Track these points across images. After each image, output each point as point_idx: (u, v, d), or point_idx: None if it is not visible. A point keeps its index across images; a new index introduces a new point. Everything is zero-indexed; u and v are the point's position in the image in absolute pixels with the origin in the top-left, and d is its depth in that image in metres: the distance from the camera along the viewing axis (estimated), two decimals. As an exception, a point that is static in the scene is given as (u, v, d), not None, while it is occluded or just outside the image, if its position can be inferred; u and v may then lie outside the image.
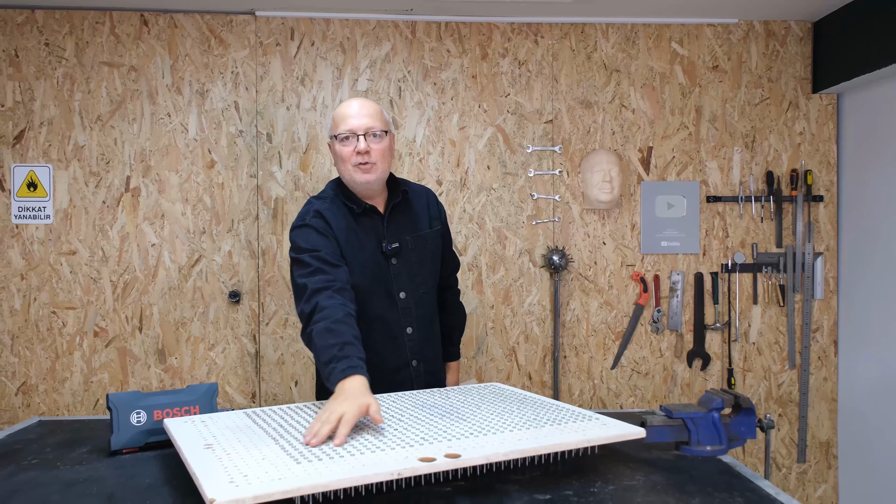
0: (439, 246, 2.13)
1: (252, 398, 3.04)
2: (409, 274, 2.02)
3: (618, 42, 3.13)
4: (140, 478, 1.47)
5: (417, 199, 2.10)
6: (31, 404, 2.97)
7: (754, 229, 3.16)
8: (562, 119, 3.12)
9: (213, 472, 1.24)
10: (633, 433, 1.49)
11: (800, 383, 3.16)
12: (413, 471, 1.26)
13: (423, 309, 2.05)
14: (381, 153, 1.92)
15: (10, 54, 2.95)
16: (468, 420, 1.57)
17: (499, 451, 1.34)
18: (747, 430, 1.62)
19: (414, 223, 2.06)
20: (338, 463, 1.28)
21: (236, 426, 1.56)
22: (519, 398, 1.81)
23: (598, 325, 3.14)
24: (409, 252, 2.02)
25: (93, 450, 1.67)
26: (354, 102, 1.94)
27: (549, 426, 1.52)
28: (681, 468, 1.52)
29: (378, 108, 1.96)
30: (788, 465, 3.18)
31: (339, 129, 1.91)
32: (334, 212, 1.97)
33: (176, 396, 1.70)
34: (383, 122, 1.94)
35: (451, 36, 3.08)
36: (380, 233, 1.99)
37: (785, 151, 3.16)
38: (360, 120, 1.90)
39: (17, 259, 2.96)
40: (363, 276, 1.95)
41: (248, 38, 3.02)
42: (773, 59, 3.16)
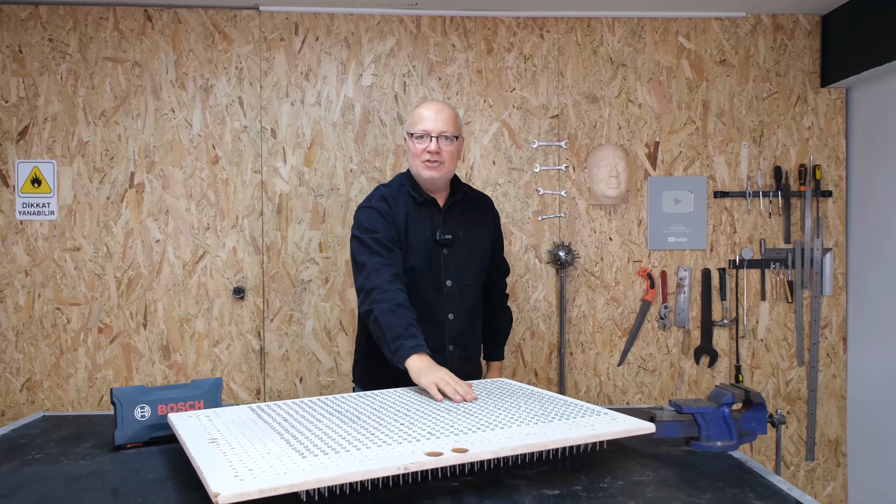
0: (489, 246, 2.29)
1: (256, 394, 3.03)
2: (458, 265, 2.19)
3: (624, 36, 3.11)
4: (144, 472, 1.46)
5: (475, 202, 2.30)
6: (36, 400, 2.96)
7: (762, 225, 3.13)
8: (568, 114, 3.10)
9: (217, 466, 1.23)
10: (642, 428, 1.47)
11: (808, 380, 3.14)
12: (420, 465, 1.25)
13: (466, 299, 2.21)
14: (450, 154, 2.12)
15: (14, 50, 2.94)
16: (475, 415, 1.56)
17: (507, 446, 1.33)
18: (758, 426, 1.60)
19: (469, 221, 2.24)
20: (343, 457, 1.26)
21: (241, 420, 1.55)
22: (526, 393, 1.79)
23: (605, 322, 3.12)
24: (460, 245, 2.19)
25: (97, 444, 1.66)
26: (434, 106, 2.13)
27: (557, 421, 1.50)
28: (691, 464, 1.50)
29: (454, 114, 2.15)
30: (797, 463, 3.16)
31: (416, 127, 2.11)
32: (398, 198, 2.17)
33: (180, 391, 1.69)
34: (457, 127, 2.13)
35: (456, 30, 3.06)
36: (436, 223, 2.17)
37: (793, 146, 3.13)
38: (436, 123, 2.09)
39: (21, 255, 2.95)
40: (416, 260, 2.14)
41: (251, 32, 3.01)
42: (781, 52, 3.13)
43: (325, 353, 3.04)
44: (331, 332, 3.04)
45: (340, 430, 1.43)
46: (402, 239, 2.12)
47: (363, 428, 1.45)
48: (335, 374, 3.04)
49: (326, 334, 3.04)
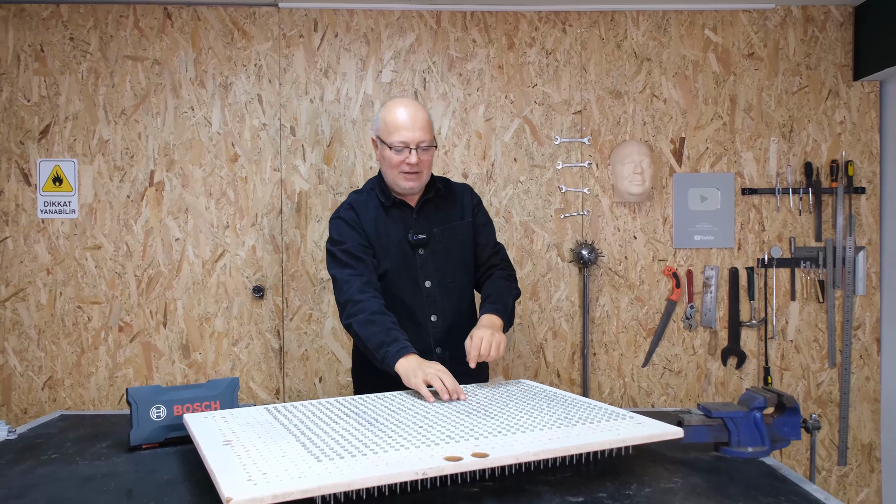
0: (469, 237, 2.17)
1: (276, 394, 3.01)
2: (436, 264, 2.10)
3: (649, 30, 3.04)
4: (159, 473, 1.43)
5: (450, 195, 2.18)
6: (58, 399, 2.97)
7: (792, 222, 3.05)
8: (591, 109, 3.04)
9: (231, 469, 1.20)
10: (669, 433, 1.42)
11: (840, 383, 3.04)
12: (438, 470, 1.20)
13: (448, 299, 2.11)
14: (428, 163, 2.06)
15: (36, 49, 2.95)
16: (496, 418, 1.51)
17: (528, 451, 1.28)
18: (791, 431, 1.54)
19: (445, 217, 2.14)
20: (360, 461, 1.22)
21: (257, 422, 1.52)
22: (549, 395, 1.74)
23: (629, 322, 3.05)
24: (436, 243, 2.11)
25: (113, 445, 1.64)
26: (408, 112, 2.00)
27: (580, 425, 1.45)
28: (721, 470, 1.44)
29: (429, 117, 2.05)
30: (829, 468, 3.07)
31: (393, 138, 1.99)
32: (367, 203, 2.12)
33: (196, 391, 1.67)
34: (431, 133, 2.04)
35: (476, 26, 3.02)
36: (409, 224, 2.09)
37: (824, 141, 3.04)
38: (414, 133, 1.99)
39: (43, 254, 2.96)
40: (390, 263, 2.08)
41: (270, 30, 2.98)
42: (811, 45, 3.04)
43: (345, 352, 3.01)
44: (350, 332, 3.00)
45: (357, 433, 1.40)
46: (371, 245, 2.07)
47: (381, 431, 1.41)
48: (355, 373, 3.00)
49: (345, 334, 3.01)
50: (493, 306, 2.03)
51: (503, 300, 2.07)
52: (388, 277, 2.07)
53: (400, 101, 2.05)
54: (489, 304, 2.05)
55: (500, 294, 2.09)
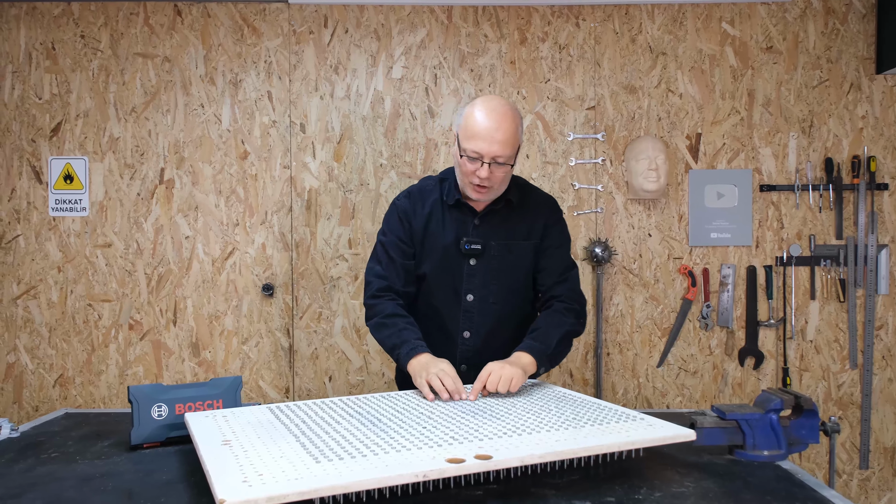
0: (528, 260, 1.96)
1: (286, 393, 2.98)
2: (485, 279, 1.94)
3: (664, 23, 2.98)
4: (159, 473, 1.41)
5: (525, 209, 1.97)
6: (68, 396, 2.97)
7: (812, 220, 2.97)
8: (605, 105, 2.98)
9: (227, 470, 1.17)
10: (681, 435, 1.37)
11: (862, 384, 2.96)
12: (440, 472, 1.17)
13: (487, 318, 1.95)
14: (503, 179, 1.84)
15: (48, 47, 2.95)
16: (502, 419, 1.47)
17: (534, 453, 1.24)
18: (809, 434, 1.48)
19: (509, 231, 1.94)
20: (360, 462, 1.19)
21: (258, 421, 1.49)
22: (558, 396, 1.70)
23: (644, 321, 2.99)
24: (491, 257, 1.93)
25: (114, 444, 1.62)
26: (491, 121, 1.77)
27: (589, 426, 1.41)
28: (735, 474, 1.39)
29: (514, 128, 1.80)
30: (850, 472, 2.99)
31: (468, 145, 1.79)
32: (429, 194, 1.98)
33: (199, 390, 1.64)
34: (513, 147, 1.80)
35: (488, 20, 2.97)
36: (466, 230, 1.93)
37: (846, 136, 2.97)
38: (493, 146, 1.76)
39: (54, 251, 2.96)
40: (432, 267, 1.94)
41: (280, 26, 2.96)
42: (832, 38, 2.97)
43: (355, 351, 2.98)
44: (360, 331, 2.98)
45: (359, 434, 1.36)
46: (414, 243, 1.95)
47: (383, 431, 1.38)
48: (365, 372, 2.98)
49: (356, 332, 2.98)
50: (531, 343, 1.82)
51: (546, 339, 1.84)
52: (428, 281, 1.95)
53: (487, 104, 1.80)
54: (528, 339, 1.85)
55: (547, 331, 1.86)
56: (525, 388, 1.79)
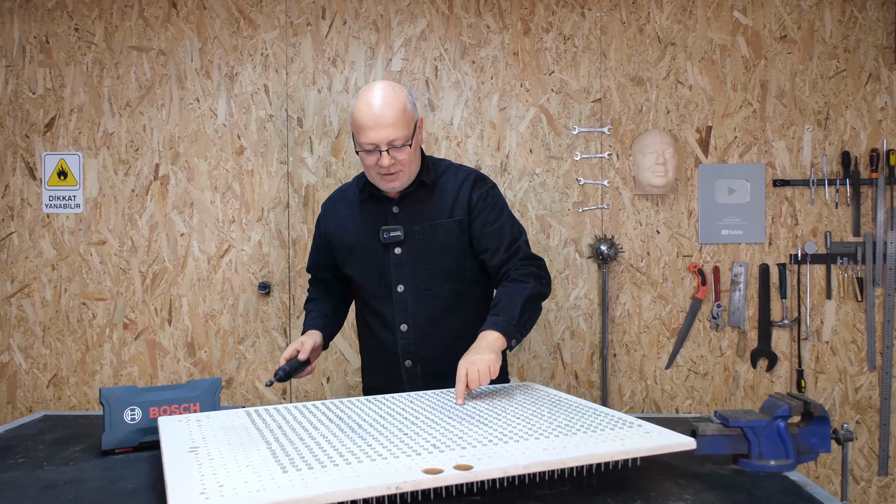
0: (456, 239, 1.86)
1: (282, 394, 2.91)
2: (412, 267, 1.86)
3: (673, 12, 2.87)
4: (125, 481, 1.33)
5: (446, 185, 1.88)
6: (62, 397, 2.91)
7: (828, 216, 2.85)
8: (611, 97, 2.88)
9: (186, 480, 1.09)
10: (680, 444, 1.27)
11: (881, 387, 2.84)
12: (415, 484, 1.08)
13: (423, 307, 1.86)
14: (408, 160, 1.76)
15: (41, 41, 2.90)
16: (490, 425, 1.38)
17: (518, 464, 1.15)
18: (820, 443, 1.38)
19: (431, 213, 1.86)
20: (330, 472, 1.11)
21: (232, 426, 1.41)
22: (553, 400, 1.60)
23: (652, 321, 2.89)
24: (416, 243, 1.85)
25: (86, 449, 1.55)
26: (373, 106, 1.70)
27: (581, 433, 1.31)
28: (739, 486, 1.29)
29: (400, 107, 1.71)
30: (868, 479, 2.86)
31: (360, 139, 1.74)
32: (342, 197, 1.99)
33: (175, 392, 1.57)
34: (406, 126, 1.72)
35: (490, 11, 2.88)
36: (386, 219, 1.87)
37: (864, 129, 2.84)
38: (381, 132, 1.70)
39: (48, 249, 2.91)
40: (356, 265, 1.93)
41: (277, 17, 2.89)
42: (850, 26, 2.84)
43: (353, 351, 2.90)
44: (359, 330, 2.90)
45: (335, 441, 1.28)
46: (333, 250, 1.97)
47: (360, 438, 1.29)
48: (363, 373, 2.90)
49: (354, 332, 2.89)
50: (493, 319, 1.72)
51: (509, 309, 1.73)
52: (359, 281, 1.92)
53: (366, 93, 1.73)
54: (490, 315, 1.74)
55: (509, 300, 1.75)
56: (517, 391, 1.70)
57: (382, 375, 1.95)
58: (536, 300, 1.80)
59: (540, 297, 1.82)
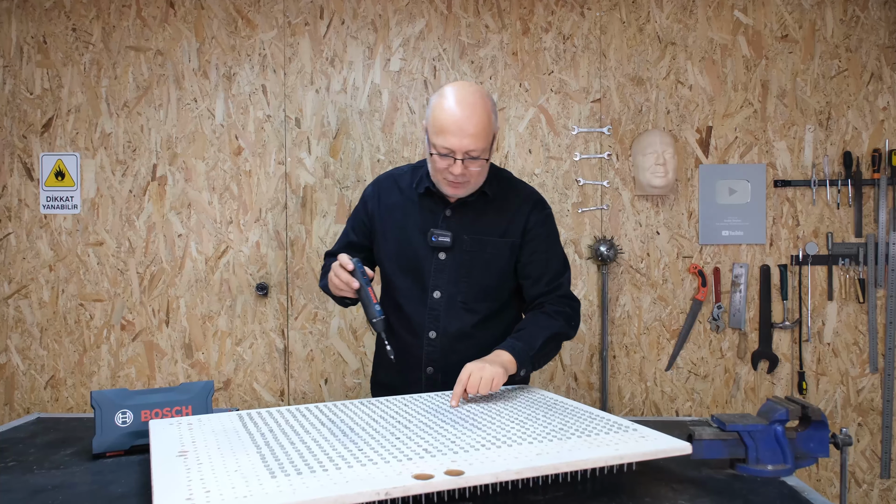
0: (504, 259, 1.80)
1: (280, 396, 2.90)
2: (453, 276, 1.79)
3: (673, 12, 2.85)
4: (115, 486, 1.32)
5: (506, 203, 1.81)
6: (60, 398, 2.91)
7: (829, 217, 2.83)
8: (611, 97, 2.86)
9: (172, 486, 1.08)
10: (675, 449, 1.26)
11: (883, 389, 2.82)
12: (405, 490, 1.07)
13: (455, 319, 1.80)
14: (480, 172, 1.70)
15: (39, 41, 2.89)
16: (483, 429, 1.36)
17: (510, 469, 1.13)
18: (818, 447, 1.36)
19: (483, 226, 1.79)
20: (319, 478, 1.09)
21: (223, 430, 1.40)
22: (548, 404, 1.59)
23: (651, 323, 2.87)
24: (462, 252, 1.78)
25: (77, 452, 1.53)
26: (460, 113, 1.61)
27: (576, 438, 1.30)
28: (735, 491, 1.27)
29: (486, 118, 1.64)
30: (870, 481, 2.84)
31: (438, 140, 1.64)
32: (397, 183, 1.87)
33: (167, 395, 1.56)
34: (487, 137, 1.65)
35: (489, 10, 2.87)
36: (436, 221, 1.79)
37: (865, 129, 2.82)
38: (462, 140, 1.61)
39: (45, 250, 2.90)
40: (395, 260, 1.83)
41: (275, 17, 2.88)
42: (851, 26, 2.82)
43: (352, 353, 2.89)
44: (357, 332, 2.88)
45: (325, 445, 1.26)
46: (373, 232, 1.86)
47: (352, 442, 1.28)
48: (362, 375, 2.89)
49: (353, 334, 2.89)
50: (513, 342, 1.69)
51: (531, 339, 1.70)
52: (393, 278, 1.84)
53: (455, 94, 1.64)
54: (511, 338, 1.71)
55: (532, 331, 1.73)
56: (513, 394, 1.69)
57: (399, 377, 1.86)
58: (559, 339, 1.79)
59: (564, 337, 1.81)
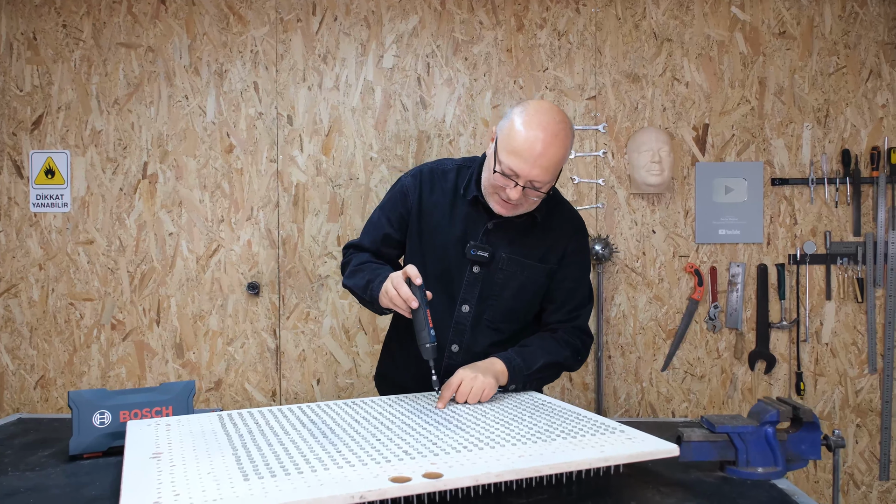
0: (538, 285, 1.73)
1: (272, 396, 2.87)
2: (486, 292, 1.71)
3: (669, 8, 2.81)
4: (89, 488, 1.29)
5: (550, 228, 1.72)
6: (49, 398, 2.88)
7: (827, 215, 2.79)
8: (606, 95, 2.83)
9: (142, 488, 1.05)
10: (662, 451, 1.22)
11: (882, 390, 2.78)
12: (380, 493, 1.03)
13: (479, 335, 1.73)
14: (535, 202, 1.61)
15: (29, 37, 2.86)
16: (467, 430, 1.33)
17: (490, 472, 1.10)
18: (810, 449, 1.33)
19: (523, 248, 1.70)
20: (293, 480, 1.06)
21: (201, 431, 1.37)
22: (535, 404, 1.55)
23: (647, 322, 2.83)
24: (498, 269, 1.70)
25: (55, 453, 1.50)
26: (537, 141, 1.50)
27: (561, 439, 1.26)
28: (724, 495, 1.24)
29: (563, 153, 1.54)
30: (869, 483, 2.80)
31: (506, 159, 1.53)
32: (440, 180, 1.74)
33: (147, 396, 1.52)
34: (556, 171, 1.56)
35: (483, 6, 2.83)
36: (476, 232, 1.69)
37: (864, 127, 2.78)
38: (533, 170, 1.51)
39: (35, 248, 2.88)
40: (426, 264, 1.71)
41: (267, 14, 2.85)
42: (850, 22, 2.78)
43: (344, 353, 2.86)
44: (349, 332, 2.85)
45: (304, 447, 1.23)
46: (409, 230, 1.74)
47: (331, 444, 1.25)
48: (354, 375, 2.86)
49: (345, 333, 2.86)
50: (511, 357, 1.63)
51: (531, 359, 1.65)
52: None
53: (540, 118, 1.52)
54: (512, 350, 1.66)
55: (535, 351, 1.67)
56: (501, 395, 1.65)
57: (412, 381, 1.78)
58: (559, 368, 1.74)
59: (566, 368, 1.76)
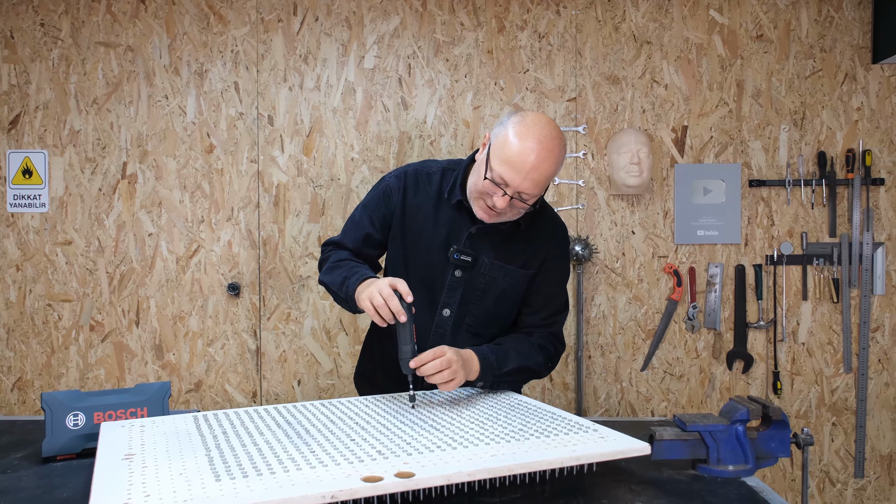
0: (518, 291, 1.73)
1: (253, 397, 2.86)
2: (467, 297, 1.71)
3: (649, 11, 2.84)
4: (61, 490, 1.28)
5: (534, 234, 1.71)
6: (27, 401, 2.85)
7: (804, 216, 2.83)
8: (586, 96, 2.85)
9: (112, 489, 1.04)
10: (634, 449, 1.24)
11: (857, 389, 2.82)
12: (352, 493, 1.04)
13: (461, 341, 1.70)
14: (517, 213, 1.61)
15: (6, 36, 2.84)
16: (442, 430, 1.34)
17: (462, 471, 1.11)
18: (779, 447, 1.35)
19: (507, 253, 1.70)
20: (265, 481, 1.06)
21: (176, 432, 1.36)
22: (512, 405, 1.56)
23: (627, 323, 2.85)
24: (480, 274, 1.70)
25: (28, 455, 1.49)
26: (536, 154, 1.49)
27: (534, 438, 1.27)
28: (694, 492, 1.25)
29: (556, 167, 1.54)
30: (844, 481, 2.84)
31: (497, 167, 1.52)
32: (424, 182, 1.72)
33: (121, 397, 1.52)
34: (545, 186, 1.56)
35: (464, 8, 2.84)
36: (459, 236, 1.68)
37: (840, 129, 2.82)
38: (524, 182, 1.51)
39: (12, 249, 2.85)
40: (407, 266, 1.72)
41: (248, 13, 2.84)
42: (826, 26, 2.82)
43: (325, 354, 2.85)
44: (331, 332, 2.85)
45: (278, 447, 1.23)
46: (390, 231, 1.74)
47: (304, 444, 1.25)
48: (335, 376, 2.86)
49: (326, 334, 2.86)
50: (486, 354, 1.61)
51: (503, 360, 1.63)
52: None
53: (535, 132, 1.50)
54: (487, 347, 1.64)
55: (508, 352, 1.65)
56: (477, 395, 1.66)
57: (391, 381, 1.76)
58: (529, 374, 1.74)
59: (535, 375, 1.75)
